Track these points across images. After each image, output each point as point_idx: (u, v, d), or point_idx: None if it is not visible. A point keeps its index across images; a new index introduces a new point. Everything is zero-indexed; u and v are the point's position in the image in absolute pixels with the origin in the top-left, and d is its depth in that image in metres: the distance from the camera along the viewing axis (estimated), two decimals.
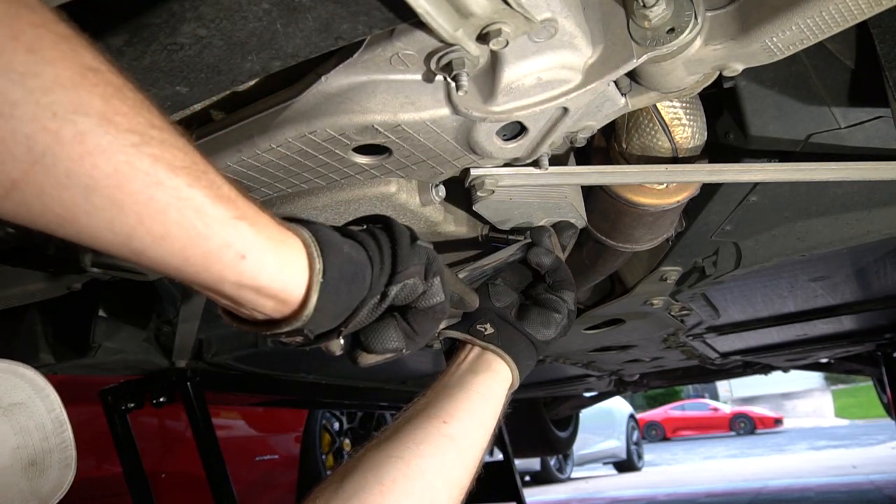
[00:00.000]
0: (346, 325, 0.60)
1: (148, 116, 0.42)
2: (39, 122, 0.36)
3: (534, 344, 0.90)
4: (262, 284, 0.51)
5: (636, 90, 0.87)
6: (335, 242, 0.57)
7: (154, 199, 0.42)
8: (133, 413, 2.19)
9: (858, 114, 1.08)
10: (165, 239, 0.44)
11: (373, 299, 0.61)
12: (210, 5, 0.60)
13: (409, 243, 0.65)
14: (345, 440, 4.19)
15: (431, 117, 0.78)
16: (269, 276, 0.51)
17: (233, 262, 0.48)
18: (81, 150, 0.38)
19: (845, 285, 2.10)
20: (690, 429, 18.11)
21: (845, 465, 7.07)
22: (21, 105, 0.36)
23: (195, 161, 0.45)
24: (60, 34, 0.38)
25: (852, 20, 0.72)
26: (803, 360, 4.02)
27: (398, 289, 0.62)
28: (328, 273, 0.54)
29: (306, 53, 0.66)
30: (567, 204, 1.05)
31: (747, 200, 1.29)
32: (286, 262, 0.52)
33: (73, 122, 0.38)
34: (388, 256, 0.62)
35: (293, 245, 0.54)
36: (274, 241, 0.51)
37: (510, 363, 0.86)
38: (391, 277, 0.62)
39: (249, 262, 0.49)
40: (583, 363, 2.96)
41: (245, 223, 0.49)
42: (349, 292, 0.58)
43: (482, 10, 0.62)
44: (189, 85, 0.69)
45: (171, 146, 0.43)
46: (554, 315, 0.92)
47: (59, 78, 0.37)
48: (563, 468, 8.11)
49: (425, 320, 0.68)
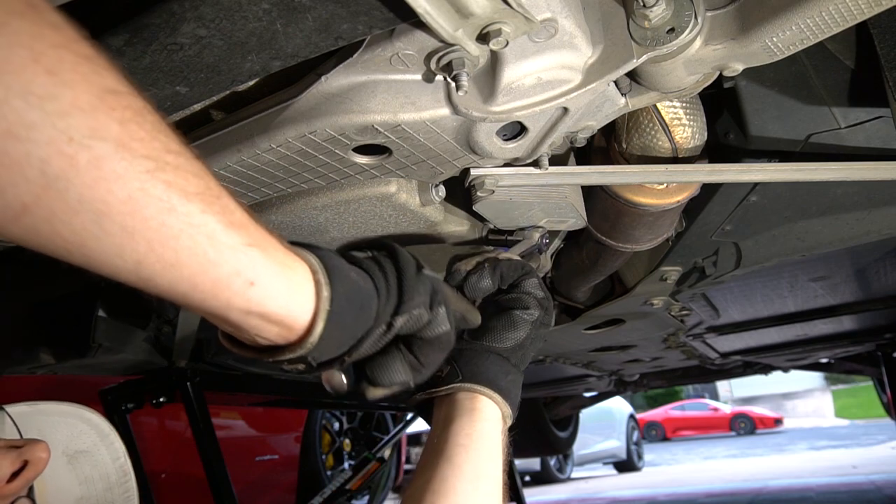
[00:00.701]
0: (349, 355, 0.58)
1: (164, 140, 0.42)
2: (55, 145, 0.36)
3: (503, 356, 0.79)
4: (269, 311, 0.50)
5: (636, 90, 0.87)
6: (342, 269, 0.56)
7: (166, 226, 0.41)
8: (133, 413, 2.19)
9: (858, 114, 1.08)
10: (175, 266, 0.43)
11: (378, 329, 0.59)
12: (210, 5, 0.60)
13: (415, 272, 0.64)
14: (345, 440, 4.19)
15: (431, 117, 0.78)
16: (276, 302, 0.50)
17: (241, 289, 0.47)
18: (96, 175, 0.38)
19: (845, 285, 2.10)
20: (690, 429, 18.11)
21: (845, 466, 7.07)
22: (38, 128, 0.35)
23: (209, 186, 0.45)
24: (82, 54, 0.37)
25: (852, 20, 0.72)
26: (803, 360, 4.02)
27: (404, 319, 0.61)
28: (335, 301, 0.54)
29: (306, 53, 0.66)
30: (567, 204, 1.05)
31: (747, 200, 1.29)
32: (294, 289, 0.52)
33: (89, 147, 0.37)
34: (394, 286, 0.61)
35: (301, 271, 0.53)
36: (283, 266, 0.51)
37: (484, 391, 0.76)
38: (397, 308, 0.60)
39: (258, 288, 0.48)
40: (583, 363, 2.96)
41: (256, 250, 0.48)
42: (355, 321, 0.57)
43: (482, 10, 0.62)
44: (189, 85, 0.69)
45: (185, 171, 0.43)
46: (515, 313, 0.81)
47: (78, 101, 0.36)
48: (563, 468, 8.11)
49: (431, 351, 0.65)
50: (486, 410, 0.75)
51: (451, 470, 0.70)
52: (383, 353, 0.63)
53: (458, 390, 0.76)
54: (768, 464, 8.67)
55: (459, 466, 0.70)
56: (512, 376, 0.79)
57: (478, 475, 0.70)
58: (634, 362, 3.09)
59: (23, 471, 0.71)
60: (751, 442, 13.96)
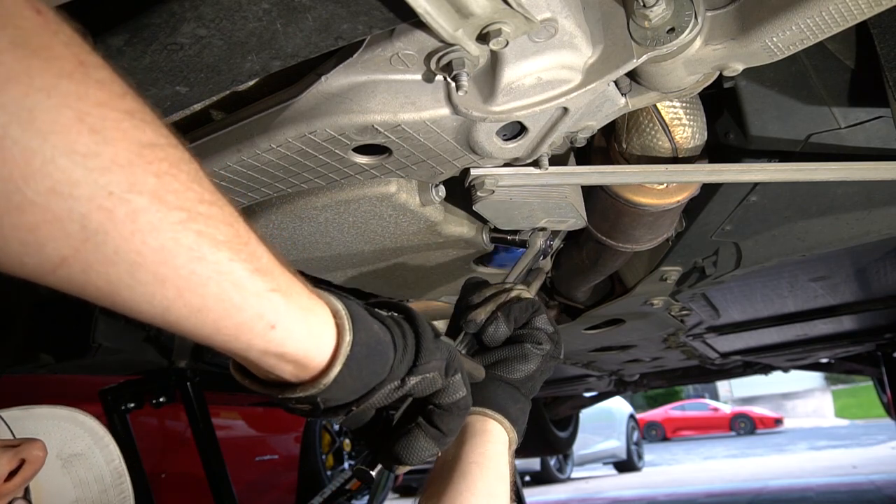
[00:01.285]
0: (358, 404, 0.59)
1: (198, 191, 0.43)
2: (96, 201, 0.37)
3: (514, 386, 0.83)
4: (287, 352, 0.52)
5: (636, 90, 0.87)
6: (365, 318, 0.58)
7: (196, 274, 0.43)
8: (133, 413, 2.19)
9: (858, 114, 1.08)
10: (202, 311, 0.45)
11: (391, 384, 0.61)
12: (210, 5, 0.60)
13: (433, 337, 0.65)
14: (345, 440, 4.19)
15: (431, 117, 0.78)
16: (295, 343, 0.52)
17: (262, 332, 0.49)
18: (133, 227, 0.39)
19: (845, 285, 2.10)
20: (690, 429, 18.11)
21: (845, 466, 7.07)
22: (80, 185, 0.36)
23: (238, 233, 0.46)
24: (124, 110, 0.39)
25: (852, 20, 0.72)
26: (803, 360, 4.02)
27: (418, 380, 0.62)
28: (355, 346, 0.55)
29: (306, 53, 0.66)
30: (567, 204, 1.05)
31: (747, 200, 1.29)
32: (314, 331, 0.53)
33: (127, 201, 0.38)
34: (411, 346, 0.63)
35: (321, 314, 0.55)
36: (304, 310, 0.53)
37: (495, 416, 0.80)
38: (412, 368, 0.62)
39: (279, 331, 0.50)
40: (583, 363, 2.96)
41: (279, 294, 0.50)
42: (371, 370, 0.58)
43: (482, 10, 0.62)
44: (189, 85, 0.69)
45: (216, 220, 0.44)
46: (528, 346, 0.84)
47: (118, 158, 0.38)
48: (563, 468, 8.11)
49: (451, 418, 0.67)
50: (496, 433, 0.79)
51: (466, 486, 0.72)
52: (407, 433, 0.67)
53: (471, 413, 0.77)
54: (768, 464, 8.67)
55: (474, 483, 0.73)
56: (521, 405, 0.84)
57: (490, 493, 0.73)
58: (634, 362, 3.09)
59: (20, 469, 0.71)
60: (751, 442, 13.96)
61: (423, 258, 1.18)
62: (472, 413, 0.78)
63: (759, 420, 17.41)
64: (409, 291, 1.41)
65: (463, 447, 0.76)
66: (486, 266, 1.28)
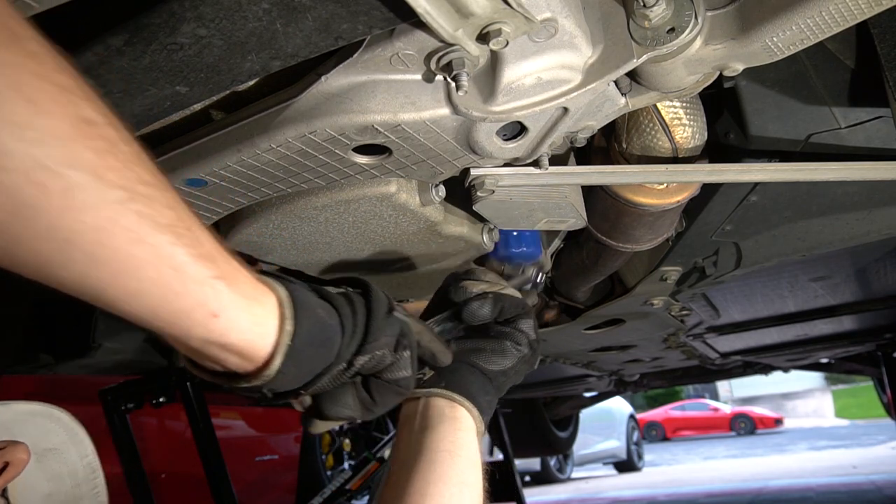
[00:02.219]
0: (306, 389, 0.58)
1: (138, 171, 0.41)
2: (29, 174, 0.36)
3: (487, 376, 0.79)
4: (230, 342, 0.50)
5: (636, 90, 0.87)
6: (310, 305, 0.56)
7: (133, 257, 0.41)
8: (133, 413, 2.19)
9: (859, 114, 1.08)
10: (138, 295, 0.43)
11: (338, 367, 0.59)
12: (210, 5, 0.60)
13: (385, 313, 0.63)
14: (345, 440, 4.19)
15: (431, 117, 0.78)
16: (238, 335, 0.50)
17: (204, 321, 0.47)
18: (67, 204, 0.38)
19: (845, 285, 2.10)
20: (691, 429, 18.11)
21: (846, 466, 7.07)
22: (13, 156, 0.35)
23: (180, 217, 0.45)
24: (61, 85, 0.38)
25: (852, 20, 0.72)
26: (804, 360, 4.03)
27: (365, 359, 0.60)
28: (297, 337, 0.54)
29: (306, 53, 0.66)
30: (567, 204, 1.05)
31: (747, 200, 1.29)
32: (258, 320, 0.52)
33: (62, 176, 0.37)
34: (361, 325, 0.61)
35: (267, 303, 0.53)
36: (248, 299, 0.51)
37: (465, 403, 0.75)
38: (360, 347, 0.60)
39: (222, 321, 0.48)
40: (583, 363, 2.96)
41: (223, 283, 0.48)
42: (315, 357, 0.57)
43: (482, 10, 0.62)
44: (189, 85, 0.69)
45: (157, 202, 0.43)
46: (507, 343, 0.80)
47: (54, 130, 0.36)
48: (563, 468, 8.11)
49: (388, 393, 0.64)
50: (465, 420, 0.75)
51: (435, 475, 0.69)
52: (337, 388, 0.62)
53: (439, 396, 0.75)
54: (768, 464, 8.67)
55: (445, 472, 0.69)
56: (490, 397, 0.79)
57: (463, 482, 0.70)
58: (634, 362, 3.09)
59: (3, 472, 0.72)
60: (751, 442, 13.96)
61: (423, 258, 1.18)
62: (442, 397, 0.75)
63: (759, 420, 17.40)
64: (409, 291, 1.41)
65: (432, 433, 0.72)
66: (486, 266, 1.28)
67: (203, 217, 0.97)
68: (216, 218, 0.99)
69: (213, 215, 0.98)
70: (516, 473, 4.21)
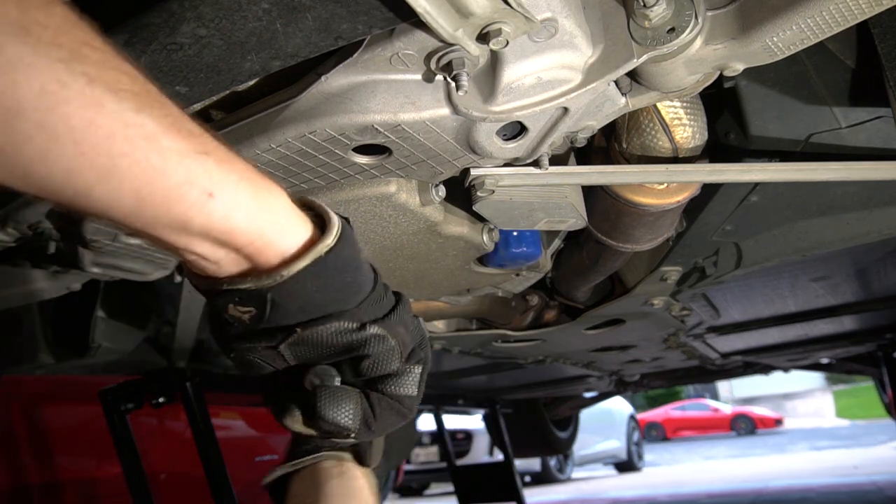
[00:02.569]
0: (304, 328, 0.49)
1: (82, 35, 0.36)
2: None
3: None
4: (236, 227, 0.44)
5: (636, 90, 0.87)
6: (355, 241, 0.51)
7: (94, 125, 0.36)
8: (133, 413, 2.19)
9: (859, 113, 1.08)
10: (113, 174, 0.37)
11: (350, 322, 0.50)
12: (210, 5, 0.60)
13: (414, 317, 0.56)
14: None
15: (431, 117, 0.78)
16: (245, 220, 0.44)
17: (199, 202, 0.41)
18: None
19: (846, 285, 2.10)
20: (691, 429, 18.11)
21: (846, 466, 7.06)
22: None
23: (147, 89, 0.39)
24: None
25: (853, 20, 0.72)
26: (804, 360, 4.02)
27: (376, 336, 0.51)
28: (333, 252, 0.47)
29: (306, 53, 0.66)
30: (567, 204, 1.05)
31: (748, 200, 1.29)
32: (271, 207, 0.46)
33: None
34: (389, 301, 0.54)
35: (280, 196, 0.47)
36: (251, 182, 0.44)
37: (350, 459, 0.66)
38: (379, 319, 0.52)
39: (219, 201, 0.42)
40: (583, 363, 2.96)
41: (211, 159, 0.41)
42: (339, 289, 0.49)
43: (482, 10, 0.62)
44: (189, 85, 0.69)
45: (112, 69, 0.37)
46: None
47: None
48: (563, 468, 8.11)
49: (388, 411, 0.55)
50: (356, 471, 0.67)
51: None
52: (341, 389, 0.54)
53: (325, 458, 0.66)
54: (769, 464, 8.66)
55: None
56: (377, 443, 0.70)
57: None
58: (635, 362, 3.09)
59: None
60: (751, 442, 13.96)
61: (423, 258, 1.18)
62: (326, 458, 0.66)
63: (759, 420, 17.41)
64: (409, 291, 1.41)
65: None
66: (487, 266, 1.28)
67: None
68: None
69: None
70: (516, 473, 4.21)
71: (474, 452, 6.98)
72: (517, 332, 1.95)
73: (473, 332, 1.95)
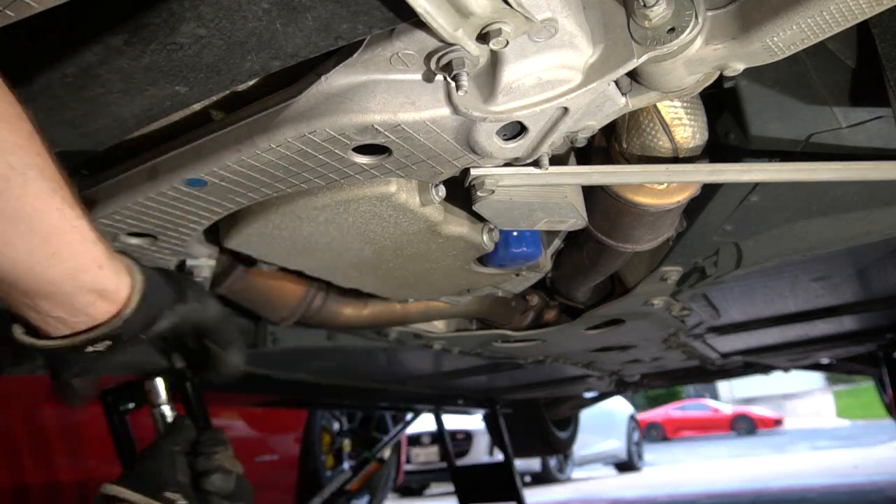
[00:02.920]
0: (145, 332, 0.75)
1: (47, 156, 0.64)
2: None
3: None
4: (106, 287, 0.67)
5: (637, 90, 0.87)
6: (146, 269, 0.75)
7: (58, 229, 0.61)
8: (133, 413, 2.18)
9: (859, 113, 1.08)
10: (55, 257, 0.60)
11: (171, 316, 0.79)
12: (210, 5, 0.60)
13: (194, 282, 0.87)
14: (345, 440, 4.20)
15: (431, 117, 0.78)
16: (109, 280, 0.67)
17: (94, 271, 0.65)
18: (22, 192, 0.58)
19: (846, 285, 2.10)
20: (691, 429, 18.12)
21: (847, 466, 7.06)
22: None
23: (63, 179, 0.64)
24: None
25: (853, 20, 0.72)
26: (804, 360, 4.02)
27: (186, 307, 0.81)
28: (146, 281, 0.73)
29: (306, 53, 0.66)
30: (567, 204, 1.05)
31: (748, 200, 1.29)
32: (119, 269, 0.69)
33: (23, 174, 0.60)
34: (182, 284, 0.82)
35: (118, 257, 0.71)
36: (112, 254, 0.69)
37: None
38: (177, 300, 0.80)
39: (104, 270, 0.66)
40: (583, 363, 2.96)
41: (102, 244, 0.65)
42: (156, 299, 0.74)
43: (482, 10, 0.62)
44: (188, 85, 0.69)
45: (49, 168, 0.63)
46: None
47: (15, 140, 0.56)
48: (563, 468, 8.11)
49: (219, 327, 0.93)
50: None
51: None
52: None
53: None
54: (769, 464, 8.67)
55: None
56: None
57: None
58: (635, 362, 3.09)
59: None
60: (751, 442, 13.96)
61: (423, 258, 1.18)
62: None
63: (759, 420, 17.42)
64: (409, 291, 1.41)
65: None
66: (487, 266, 1.28)
67: (203, 217, 0.97)
68: (216, 218, 0.99)
69: (213, 215, 0.97)
70: (516, 473, 4.22)
71: (474, 452, 6.98)
72: (517, 332, 1.95)
73: (473, 333, 1.95)
